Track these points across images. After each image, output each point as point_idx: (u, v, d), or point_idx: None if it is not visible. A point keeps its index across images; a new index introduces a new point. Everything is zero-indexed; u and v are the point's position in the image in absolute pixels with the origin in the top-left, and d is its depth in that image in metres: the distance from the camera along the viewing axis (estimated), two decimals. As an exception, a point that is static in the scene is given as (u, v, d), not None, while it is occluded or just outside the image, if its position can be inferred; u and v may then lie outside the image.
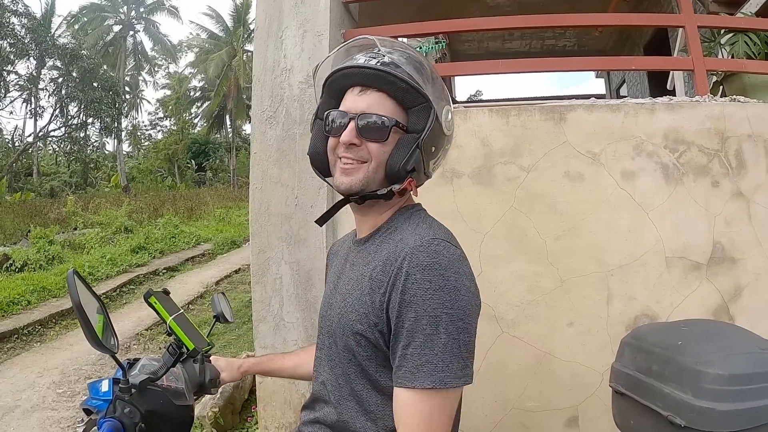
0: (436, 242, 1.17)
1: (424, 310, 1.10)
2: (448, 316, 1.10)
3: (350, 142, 1.23)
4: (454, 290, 1.12)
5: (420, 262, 1.13)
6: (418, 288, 1.11)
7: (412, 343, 1.11)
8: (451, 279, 1.12)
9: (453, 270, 1.13)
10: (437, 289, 1.10)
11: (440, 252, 1.15)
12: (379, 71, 1.21)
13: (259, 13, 3.17)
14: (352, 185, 1.24)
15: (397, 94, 1.23)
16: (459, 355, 1.10)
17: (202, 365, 1.57)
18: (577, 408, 2.72)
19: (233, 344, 6.20)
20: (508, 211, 2.81)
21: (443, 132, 1.28)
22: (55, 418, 4.61)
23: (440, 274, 1.12)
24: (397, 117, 1.24)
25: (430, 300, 1.10)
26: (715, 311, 2.72)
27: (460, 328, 1.11)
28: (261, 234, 2.97)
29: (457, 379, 1.10)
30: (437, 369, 1.09)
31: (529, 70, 3.53)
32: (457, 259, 1.17)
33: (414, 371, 1.10)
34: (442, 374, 1.09)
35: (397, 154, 1.23)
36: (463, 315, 1.12)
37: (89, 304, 1.26)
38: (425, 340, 1.10)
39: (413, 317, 1.11)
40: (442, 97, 1.28)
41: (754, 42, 3.36)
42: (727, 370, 1.47)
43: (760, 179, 2.80)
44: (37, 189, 30.24)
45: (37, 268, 9.91)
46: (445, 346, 1.09)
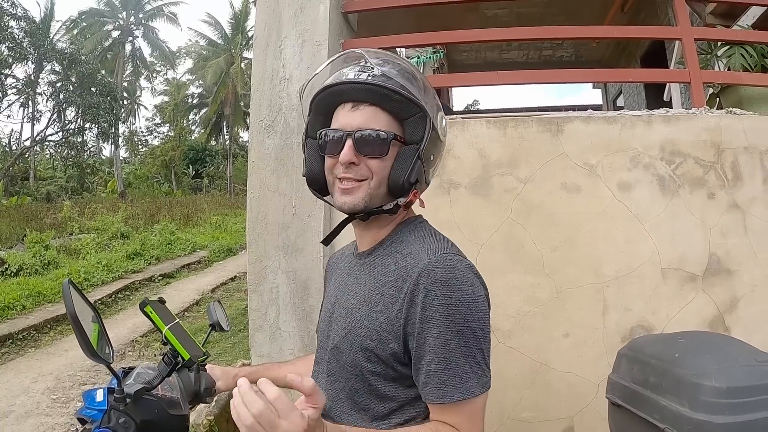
0: (450, 256, 1.18)
1: (447, 326, 1.12)
2: (470, 329, 1.14)
3: (350, 161, 1.20)
4: (473, 303, 1.15)
5: (438, 278, 1.14)
6: (440, 304, 1.12)
7: (436, 359, 1.12)
8: (468, 292, 1.15)
9: (469, 283, 1.16)
10: (458, 305, 1.13)
11: (455, 266, 1.16)
12: (371, 85, 1.19)
13: (259, 22, 3.18)
14: (356, 204, 1.22)
15: (391, 106, 1.20)
16: (482, 363, 1.16)
17: (197, 374, 1.57)
18: (572, 419, 2.72)
19: (229, 352, 6.18)
20: (505, 222, 2.81)
21: (440, 139, 1.27)
22: (50, 424, 4.59)
23: (459, 288, 1.13)
24: (393, 130, 1.21)
25: (452, 315, 1.12)
26: (710, 323, 2.72)
27: (480, 338, 1.16)
28: (258, 243, 2.97)
29: (481, 387, 1.15)
30: (463, 381, 1.12)
31: (527, 82, 3.55)
32: (471, 271, 1.19)
33: (441, 386, 1.12)
34: (467, 385, 1.12)
35: (399, 167, 1.21)
36: (482, 325, 1.17)
37: (84, 313, 1.26)
38: (450, 355, 1.12)
39: (436, 333, 1.12)
40: (435, 105, 1.26)
41: (751, 54, 3.38)
42: (725, 383, 1.47)
43: (755, 191, 2.80)
44: (34, 193, 30.15)
45: (32, 273, 9.87)
46: (467, 357, 1.13)
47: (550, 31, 3.68)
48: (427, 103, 1.22)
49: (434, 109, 1.25)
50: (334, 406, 1.26)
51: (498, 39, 3.80)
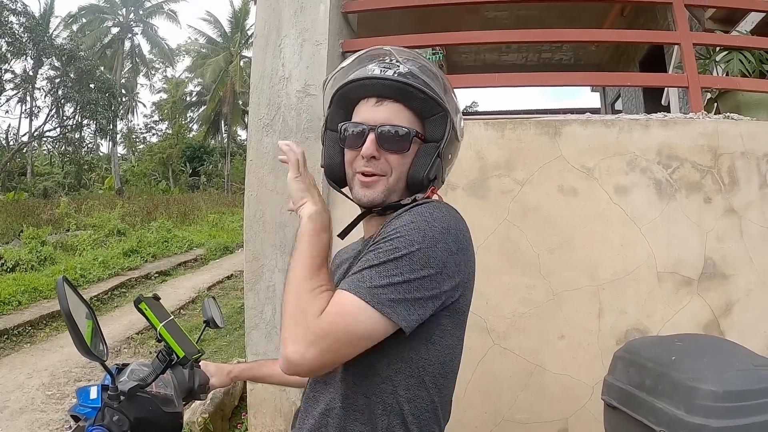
0: (436, 203, 1.18)
1: (392, 241, 1.09)
2: (408, 254, 1.07)
3: (371, 155, 1.21)
4: (431, 239, 1.09)
5: (414, 209, 1.15)
6: (399, 222, 1.12)
7: (366, 259, 1.10)
8: (435, 229, 1.10)
9: (443, 225, 1.12)
10: (415, 230, 1.09)
11: (438, 207, 1.16)
12: (397, 82, 1.21)
13: (259, 21, 3.18)
14: (375, 198, 1.24)
15: (414, 104, 1.23)
16: (396, 287, 1.06)
17: (191, 371, 1.57)
18: (567, 420, 2.73)
19: (224, 350, 6.17)
20: (501, 223, 2.82)
21: (457, 139, 1.30)
22: (44, 420, 4.58)
23: (426, 221, 1.11)
24: (415, 127, 1.24)
25: (403, 234, 1.09)
26: (705, 326, 2.73)
27: (414, 270, 1.07)
28: (255, 241, 2.97)
29: (375, 301, 1.05)
30: (363, 281, 1.07)
31: (526, 84, 3.55)
32: (454, 220, 1.16)
33: (349, 276, 1.10)
34: (361, 285, 1.06)
35: (419, 163, 1.23)
36: (426, 263, 1.08)
37: (78, 310, 1.26)
38: (373, 256, 1.09)
39: (380, 240, 1.11)
40: (455, 106, 1.29)
41: (749, 60, 3.39)
42: (721, 387, 1.48)
43: (752, 196, 2.81)
44: (31, 189, 30.09)
45: (28, 269, 9.84)
46: (385, 269, 1.07)
47: (550, 34, 3.69)
48: (448, 103, 1.25)
49: (454, 109, 1.27)
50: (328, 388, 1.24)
51: (497, 41, 3.81)
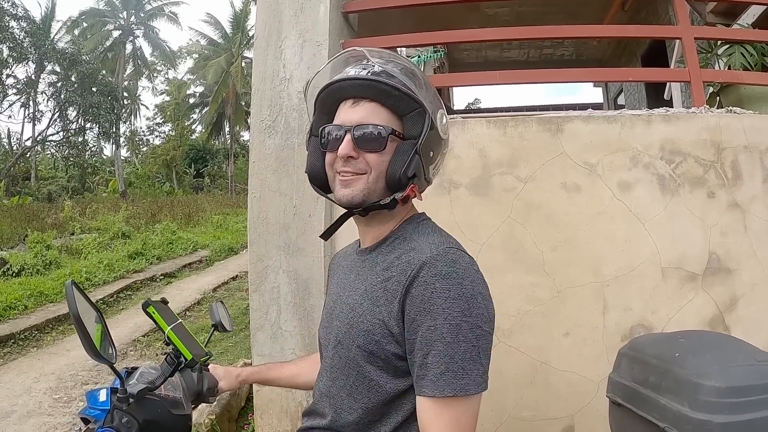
0: (452, 251, 1.17)
1: (444, 318, 1.10)
2: (468, 324, 1.10)
3: (348, 155, 1.22)
4: (472, 298, 1.12)
5: (439, 271, 1.13)
6: (438, 297, 1.11)
7: (432, 352, 1.10)
8: (468, 287, 1.13)
9: (470, 278, 1.14)
10: (456, 298, 1.11)
11: (457, 261, 1.15)
12: (370, 81, 1.21)
13: (259, 22, 3.19)
14: (353, 197, 1.23)
15: (390, 102, 1.22)
16: (478, 361, 1.12)
17: (200, 374, 1.58)
18: (572, 417, 2.73)
19: (230, 351, 6.19)
20: (505, 221, 2.82)
21: (440, 136, 1.27)
22: (52, 424, 4.59)
23: (458, 282, 1.12)
24: (392, 125, 1.23)
25: (449, 308, 1.10)
26: (710, 322, 2.73)
27: (478, 335, 1.12)
28: (259, 242, 2.98)
29: (477, 386, 1.11)
30: (458, 377, 1.09)
31: (527, 81, 3.55)
32: (473, 267, 1.18)
33: (435, 380, 1.10)
34: (462, 382, 1.09)
35: (397, 161, 1.22)
36: (481, 322, 1.13)
37: (87, 313, 1.26)
38: (445, 348, 1.10)
39: (432, 326, 1.11)
40: (436, 103, 1.27)
41: (751, 53, 3.39)
42: (725, 383, 1.48)
43: (755, 190, 2.81)
44: (35, 193, 30.17)
45: (34, 273, 9.88)
46: (465, 353, 1.10)
47: (551, 31, 3.69)
48: (425, 99, 1.23)
49: (434, 106, 1.25)
50: (334, 403, 1.27)
51: (499, 38, 3.80)
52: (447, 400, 1.10)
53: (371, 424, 1.22)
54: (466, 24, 5.18)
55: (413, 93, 1.22)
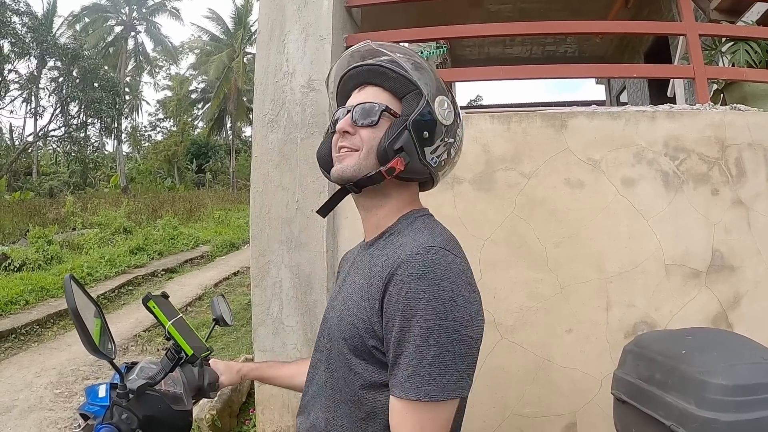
0: (434, 251, 1.14)
1: (416, 320, 1.08)
2: (442, 328, 1.07)
3: (344, 130, 1.27)
4: (450, 300, 1.09)
5: (415, 271, 1.11)
6: (412, 297, 1.09)
7: (403, 354, 1.09)
8: (447, 289, 1.09)
9: (450, 280, 1.11)
10: (431, 299, 1.08)
11: (437, 261, 1.12)
12: (370, 65, 1.28)
13: (262, 16, 3.18)
14: (344, 171, 1.25)
15: (389, 85, 1.27)
16: (452, 367, 1.08)
17: (200, 369, 1.56)
18: (575, 414, 2.72)
19: (231, 347, 6.19)
20: (508, 217, 2.81)
21: (438, 120, 1.26)
22: (52, 419, 4.59)
23: (435, 283, 1.09)
24: (390, 105, 1.26)
25: (423, 310, 1.08)
26: (714, 319, 2.72)
27: (455, 340, 1.08)
28: (261, 237, 2.97)
29: (446, 393, 1.07)
30: (424, 382, 1.06)
31: (530, 77, 3.53)
32: (455, 268, 1.14)
33: (403, 381, 1.08)
34: (428, 387, 1.06)
35: (387, 135, 1.24)
36: (458, 326, 1.09)
37: (86, 308, 1.25)
38: (414, 351, 1.08)
39: (405, 327, 1.09)
40: (439, 90, 1.29)
41: (755, 50, 3.37)
42: (732, 381, 1.47)
43: (759, 187, 2.80)
44: (37, 188, 30.21)
45: (35, 268, 9.88)
46: (435, 358, 1.07)
47: (554, 27, 3.68)
48: (421, 81, 1.26)
49: (433, 89, 1.27)
50: (331, 394, 1.26)
51: (501, 34, 3.79)
52: (412, 403, 1.08)
53: (363, 418, 1.21)
54: (468, 20, 5.16)
55: (408, 74, 1.25)
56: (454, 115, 1.31)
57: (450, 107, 1.29)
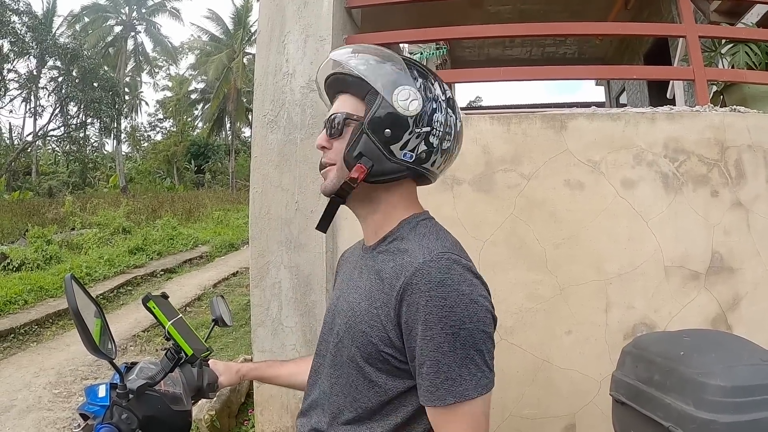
0: (446, 256, 1.14)
1: (441, 328, 1.08)
2: (467, 331, 1.08)
3: (321, 146, 1.27)
4: (471, 303, 1.10)
5: (432, 278, 1.10)
6: (434, 306, 1.09)
7: (427, 362, 1.09)
8: (466, 292, 1.10)
9: (467, 283, 1.12)
10: (453, 306, 1.08)
11: (450, 267, 1.12)
12: (335, 75, 1.28)
13: (262, 17, 3.18)
14: (326, 187, 1.26)
15: (353, 90, 1.25)
16: (481, 364, 1.10)
17: (200, 369, 1.56)
18: (574, 416, 2.72)
19: (231, 347, 6.18)
20: (508, 218, 2.81)
21: (398, 112, 1.20)
22: (51, 419, 4.59)
23: (455, 289, 1.09)
24: (354, 111, 1.23)
25: (447, 317, 1.08)
26: (713, 321, 2.72)
27: (478, 339, 1.10)
28: (260, 238, 2.97)
29: (481, 389, 1.09)
30: (456, 383, 1.08)
31: (530, 78, 3.54)
32: (469, 271, 1.15)
33: (434, 389, 1.09)
34: (461, 388, 1.07)
35: (348, 143, 1.22)
36: (483, 325, 1.11)
37: (86, 308, 1.25)
38: (443, 357, 1.08)
39: (429, 336, 1.09)
40: (399, 81, 1.22)
41: (755, 52, 3.37)
42: (730, 382, 1.47)
43: (759, 189, 2.80)
44: (36, 188, 30.20)
45: (34, 268, 9.88)
46: (464, 359, 1.08)
47: (554, 28, 3.68)
48: (374, 76, 1.21)
49: (390, 81, 1.21)
50: (335, 400, 1.26)
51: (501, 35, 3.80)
52: (451, 407, 1.09)
53: (370, 424, 1.21)
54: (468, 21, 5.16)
55: (359, 74, 1.21)
56: (423, 101, 1.21)
57: (414, 95, 1.21)
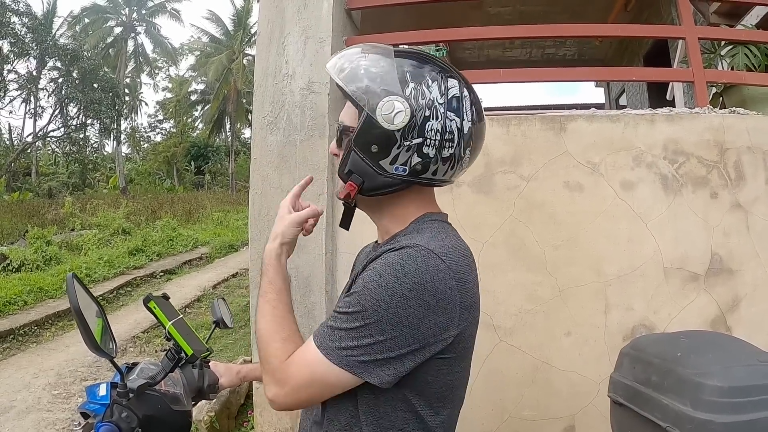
0: (417, 248, 1.10)
1: (359, 295, 1.08)
2: (375, 315, 1.05)
3: (333, 153, 1.28)
4: (402, 297, 1.05)
5: (387, 259, 1.10)
6: (369, 277, 1.09)
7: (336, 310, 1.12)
8: (406, 285, 1.05)
9: (415, 280, 1.06)
10: (382, 287, 1.06)
11: (412, 257, 1.08)
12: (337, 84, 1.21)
13: (262, 18, 3.18)
14: (338, 194, 1.25)
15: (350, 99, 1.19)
16: (367, 350, 1.06)
17: (200, 370, 1.57)
18: (573, 417, 2.72)
19: (230, 348, 6.19)
20: (507, 220, 2.82)
21: (383, 127, 1.14)
22: (50, 420, 4.59)
23: (396, 276, 1.06)
24: (351, 123, 1.20)
25: (370, 291, 1.07)
26: (712, 322, 2.73)
27: (384, 331, 1.06)
28: (260, 239, 2.97)
29: (342, 361, 1.07)
30: (332, 339, 1.09)
31: (530, 80, 3.54)
32: (431, 272, 1.08)
33: (322, 325, 1.13)
34: (330, 344, 1.08)
35: (341, 159, 1.22)
36: (397, 323, 1.05)
37: (88, 308, 1.26)
38: (343, 314, 1.09)
39: (350, 293, 1.11)
40: (386, 90, 1.14)
41: (754, 54, 3.38)
42: (727, 382, 1.47)
43: (758, 191, 2.80)
44: (35, 189, 30.17)
45: (34, 269, 9.87)
46: (351, 330, 1.07)
47: (554, 30, 3.68)
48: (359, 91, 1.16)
49: (375, 94, 1.15)
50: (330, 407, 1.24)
51: (501, 37, 3.80)
52: (313, 347, 1.11)
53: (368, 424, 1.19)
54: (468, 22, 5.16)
55: (345, 88, 1.17)
56: (413, 110, 1.13)
57: (400, 106, 1.13)
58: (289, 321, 1.21)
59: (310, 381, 1.10)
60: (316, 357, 1.09)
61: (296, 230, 1.33)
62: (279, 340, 1.17)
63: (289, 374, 1.12)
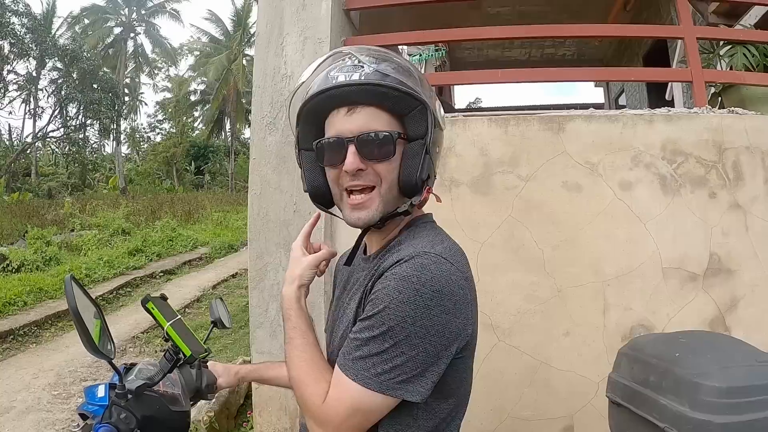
0: (427, 256, 1.08)
1: (382, 316, 1.05)
2: (404, 332, 1.04)
3: (357, 169, 1.12)
4: (425, 308, 1.04)
5: (399, 272, 1.07)
6: (387, 294, 1.06)
7: (359, 337, 1.08)
8: (426, 296, 1.04)
9: (434, 288, 1.05)
10: (405, 302, 1.04)
11: (425, 265, 1.07)
12: (367, 85, 1.11)
13: (260, 19, 3.19)
14: (372, 218, 1.16)
15: (390, 104, 1.13)
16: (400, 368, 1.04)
17: (199, 371, 1.57)
18: (572, 417, 2.73)
19: (230, 349, 6.19)
20: (506, 220, 2.82)
21: (441, 129, 1.20)
22: (50, 420, 4.59)
23: (415, 289, 1.04)
24: (395, 128, 1.14)
25: (393, 309, 1.04)
26: (711, 322, 2.73)
27: (415, 345, 1.04)
28: (259, 240, 2.98)
29: (384, 386, 1.05)
30: (367, 368, 1.05)
31: (529, 80, 3.54)
32: (445, 277, 1.07)
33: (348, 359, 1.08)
34: (366, 374, 1.05)
35: (409, 166, 1.14)
36: (425, 334, 1.05)
37: (86, 309, 1.26)
38: (368, 340, 1.06)
39: (369, 316, 1.07)
40: (432, 95, 1.19)
41: (753, 54, 3.38)
42: (725, 383, 1.48)
43: (757, 191, 2.81)
44: (35, 190, 30.13)
45: (34, 269, 9.87)
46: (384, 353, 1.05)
47: (553, 30, 3.69)
48: (424, 94, 1.15)
49: (432, 99, 1.18)
50: None
51: (500, 37, 3.80)
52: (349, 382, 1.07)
53: None
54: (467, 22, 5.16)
55: (413, 90, 1.13)
56: None
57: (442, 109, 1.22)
58: (318, 358, 1.19)
59: (353, 414, 1.07)
60: (354, 390, 1.06)
61: (313, 272, 1.32)
62: (312, 383, 1.14)
63: (330, 414, 1.09)
